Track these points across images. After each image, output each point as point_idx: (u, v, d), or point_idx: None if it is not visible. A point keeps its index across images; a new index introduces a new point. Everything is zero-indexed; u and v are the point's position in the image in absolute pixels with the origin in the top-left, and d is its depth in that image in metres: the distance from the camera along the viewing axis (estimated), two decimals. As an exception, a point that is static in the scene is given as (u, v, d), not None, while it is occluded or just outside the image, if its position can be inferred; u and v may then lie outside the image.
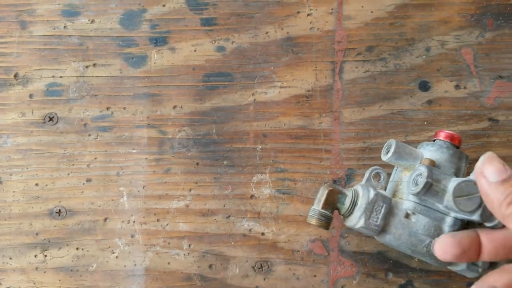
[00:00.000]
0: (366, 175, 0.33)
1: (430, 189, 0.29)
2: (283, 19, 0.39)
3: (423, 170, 0.29)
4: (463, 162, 0.32)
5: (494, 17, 0.38)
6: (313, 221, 0.32)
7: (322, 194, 0.32)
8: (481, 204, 0.29)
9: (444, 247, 0.29)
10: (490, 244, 0.28)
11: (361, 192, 0.31)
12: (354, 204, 0.32)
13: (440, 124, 0.37)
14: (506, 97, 0.37)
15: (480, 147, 0.37)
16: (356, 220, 0.31)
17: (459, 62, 0.38)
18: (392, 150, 0.32)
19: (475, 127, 0.37)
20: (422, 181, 0.29)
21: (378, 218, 0.30)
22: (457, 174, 0.32)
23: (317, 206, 0.33)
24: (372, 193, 0.31)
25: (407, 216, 0.31)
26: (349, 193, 0.32)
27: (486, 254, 0.29)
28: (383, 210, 0.30)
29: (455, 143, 0.32)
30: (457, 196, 0.29)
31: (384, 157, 0.32)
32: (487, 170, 0.28)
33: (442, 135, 0.33)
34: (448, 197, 0.29)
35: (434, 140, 0.33)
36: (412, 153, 0.32)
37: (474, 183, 0.29)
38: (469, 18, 0.38)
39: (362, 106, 0.38)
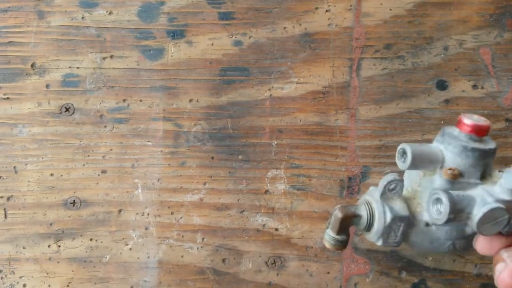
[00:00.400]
0: (381, 187, 0.30)
1: (453, 220, 0.27)
2: (301, 15, 0.39)
3: (444, 201, 0.27)
4: (491, 157, 0.29)
5: (514, 17, 0.38)
6: (328, 246, 0.30)
7: (335, 221, 0.30)
8: (507, 225, 0.27)
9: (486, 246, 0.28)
10: None
11: (377, 215, 0.29)
12: (370, 225, 0.30)
13: (457, 123, 0.37)
14: (524, 98, 0.37)
15: (497, 147, 0.37)
16: (375, 239, 0.30)
17: (477, 62, 0.38)
18: (408, 160, 0.28)
19: (492, 127, 0.37)
20: (443, 214, 0.27)
21: (397, 235, 0.29)
22: (483, 174, 0.29)
23: (331, 232, 0.31)
24: (389, 216, 0.29)
25: (427, 225, 0.29)
26: (363, 212, 0.30)
27: None
28: (401, 229, 0.29)
29: (482, 135, 0.28)
30: (483, 223, 0.27)
31: (401, 166, 0.29)
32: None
33: (466, 128, 0.27)
34: (473, 223, 0.27)
35: (457, 130, 0.28)
36: (431, 159, 0.28)
37: (501, 208, 0.27)
38: (488, 18, 0.38)
39: (379, 104, 0.38)
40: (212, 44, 0.39)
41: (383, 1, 0.38)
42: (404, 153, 0.28)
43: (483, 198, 0.27)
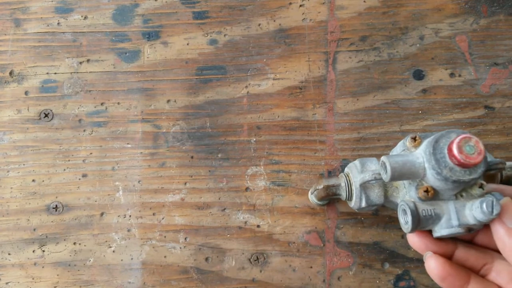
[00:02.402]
0: (361, 180, 0.31)
1: (417, 228, 0.28)
2: (275, 11, 0.39)
3: (409, 217, 0.27)
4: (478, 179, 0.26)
5: (489, 3, 0.38)
6: (313, 205, 0.35)
7: (318, 192, 0.34)
8: None
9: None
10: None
11: (354, 198, 0.32)
12: (349, 197, 0.32)
13: (435, 112, 0.37)
14: (501, 84, 0.37)
15: (477, 135, 0.36)
16: (355, 209, 0.32)
17: (454, 50, 0.37)
18: (388, 175, 0.27)
19: (471, 115, 0.37)
20: (408, 226, 0.27)
21: (378, 195, 0.31)
22: (461, 191, 0.27)
23: (315, 199, 0.35)
24: (363, 203, 0.31)
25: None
26: (343, 185, 0.32)
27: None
28: (376, 207, 0.31)
29: (469, 168, 0.25)
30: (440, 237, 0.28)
31: (383, 177, 0.28)
32: (507, 217, 0.25)
33: (454, 160, 0.25)
34: (432, 233, 0.28)
35: (445, 154, 0.25)
36: (412, 174, 0.27)
37: (459, 232, 0.27)
38: (463, 5, 0.38)
39: (356, 97, 0.37)
40: (187, 44, 0.39)
41: (356, -7, 0.38)
42: (384, 166, 0.27)
43: (449, 218, 0.27)
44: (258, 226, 0.37)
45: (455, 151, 0.25)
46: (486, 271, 0.28)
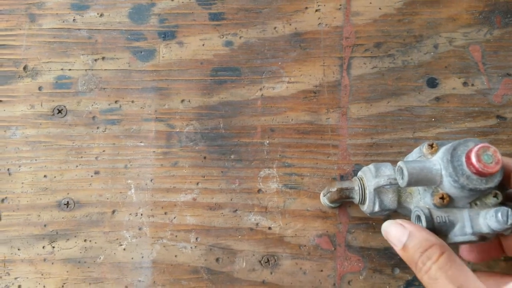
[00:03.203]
0: (376, 184, 0.31)
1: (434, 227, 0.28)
2: (291, 15, 0.39)
3: (423, 223, 0.27)
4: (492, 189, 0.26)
5: (502, 14, 0.38)
6: (324, 207, 0.35)
7: (331, 195, 0.34)
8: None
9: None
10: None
11: (367, 202, 0.32)
12: (362, 201, 0.33)
13: (447, 120, 0.37)
14: (513, 95, 0.37)
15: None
16: (367, 213, 0.32)
17: (467, 59, 0.38)
18: (405, 181, 0.27)
19: (483, 124, 0.37)
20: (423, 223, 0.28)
21: (391, 200, 0.31)
22: (475, 200, 0.28)
23: (327, 201, 0.36)
24: (376, 208, 0.31)
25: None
26: (356, 189, 0.33)
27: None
28: (388, 212, 0.32)
29: (486, 177, 0.25)
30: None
31: (400, 183, 0.28)
32: (391, 239, 0.28)
33: (472, 168, 0.25)
34: (446, 239, 0.28)
35: (463, 161, 0.26)
36: (429, 181, 0.27)
37: (473, 240, 0.27)
38: (477, 15, 0.38)
39: (370, 102, 0.38)
40: (203, 45, 0.39)
41: (372, 0, 0.38)
42: (401, 171, 0.28)
43: (463, 226, 0.27)
44: (269, 228, 0.37)
45: (473, 159, 0.25)
46: None
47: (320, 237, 0.37)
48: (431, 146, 0.28)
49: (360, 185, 0.32)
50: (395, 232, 0.28)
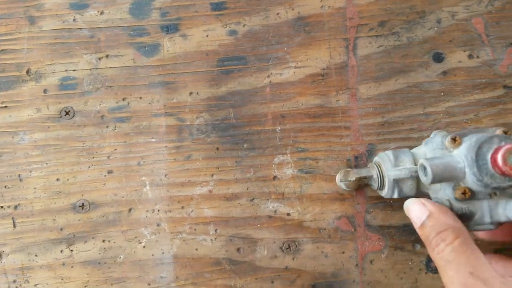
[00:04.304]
0: (396, 175, 0.31)
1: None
2: None
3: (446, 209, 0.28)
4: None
5: (503, -15, 0.38)
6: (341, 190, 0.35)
7: (349, 184, 0.34)
8: None
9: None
10: None
11: (386, 189, 0.32)
12: (381, 187, 0.33)
13: (456, 94, 0.37)
14: (519, 64, 0.38)
15: (497, 114, 0.37)
16: (390, 194, 0.32)
17: (471, 32, 0.38)
18: (429, 178, 0.27)
19: (490, 95, 0.38)
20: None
21: (410, 188, 0.31)
22: (495, 191, 0.28)
23: (344, 186, 0.36)
24: (396, 195, 0.32)
25: None
26: (375, 176, 0.33)
27: None
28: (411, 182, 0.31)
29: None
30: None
31: (423, 180, 0.29)
32: (411, 216, 0.29)
33: (497, 170, 0.25)
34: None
35: (488, 160, 0.26)
36: (452, 177, 0.27)
37: (490, 228, 0.28)
38: (477, -13, 0.38)
39: (378, 81, 0.38)
40: (207, 36, 0.39)
41: (373, -21, 0.38)
42: (425, 169, 0.28)
43: (482, 215, 0.28)
44: (288, 214, 0.37)
45: (499, 162, 0.25)
46: None
47: (339, 219, 0.37)
48: (454, 140, 0.28)
49: (378, 173, 0.33)
50: (416, 210, 0.28)
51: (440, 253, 0.26)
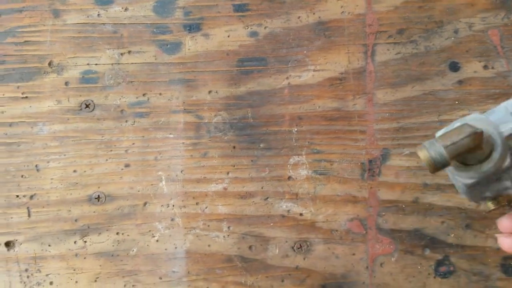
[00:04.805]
0: (508, 131, 0.25)
1: None
2: (314, 4, 0.39)
3: None
4: None
5: (519, -1, 0.39)
6: (421, 153, 0.24)
7: (456, 133, 0.25)
8: None
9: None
10: None
11: (498, 154, 0.25)
12: (488, 156, 0.26)
13: (470, 103, 0.38)
14: (533, 76, 0.39)
15: (510, 125, 0.38)
16: (485, 169, 0.26)
17: (487, 43, 0.39)
18: None
19: None
20: None
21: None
22: None
23: (443, 141, 0.25)
24: (508, 162, 0.25)
25: None
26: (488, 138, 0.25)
27: None
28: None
29: None
30: None
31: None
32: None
33: None
34: None
35: None
36: None
37: None
38: (494, 0, 0.39)
39: (395, 87, 0.38)
40: (228, 36, 0.39)
41: (393, -12, 0.39)
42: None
43: None
44: (301, 214, 0.37)
45: None
46: None
47: (351, 221, 0.37)
48: None
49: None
50: None
51: None
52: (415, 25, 0.39)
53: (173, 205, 0.38)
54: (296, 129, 0.38)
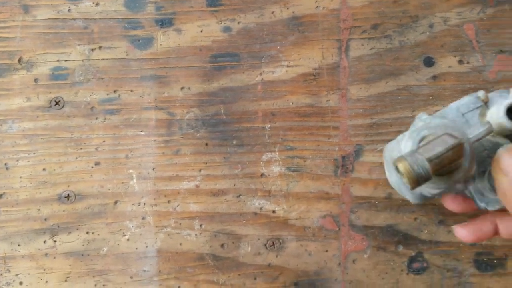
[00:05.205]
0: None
1: None
2: (288, -1, 0.39)
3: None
4: None
5: (494, -7, 0.39)
6: (402, 166, 0.22)
7: (439, 144, 0.23)
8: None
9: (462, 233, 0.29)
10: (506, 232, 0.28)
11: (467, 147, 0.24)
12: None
13: (445, 98, 0.38)
14: (507, 71, 0.38)
15: (484, 120, 0.37)
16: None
17: (462, 37, 0.39)
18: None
19: None
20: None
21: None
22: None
23: (426, 153, 0.23)
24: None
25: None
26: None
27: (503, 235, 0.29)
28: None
29: None
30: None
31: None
32: (507, 165, 0.23)
33: None
34: None
35: None
36: None
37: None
38: (470, -5, 0.39)
39: (369, 83, 0.38)
40: (201, 31, 0.39)
41: (367, -18, 0.39)
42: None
43: None
44: (273, 211, 0.37)
45: None
46: None
47: (324, 218, 0.37)
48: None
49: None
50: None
51: None
52: (390, 20, 0.39)
53: (144, 204, 0.37)
54: (269, 126, 0.38)
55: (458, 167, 0.24)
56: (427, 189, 0.26)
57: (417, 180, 0.22)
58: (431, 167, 0.22)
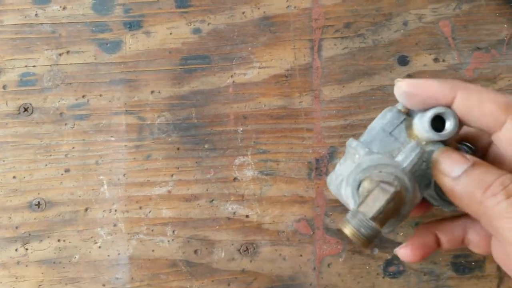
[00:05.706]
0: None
1: None
2: (259, -1, 0.38)
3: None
4: None
5: (471, -11, 0.38)
6: (348, 231, 0.22)
7: (378, 199, 0.22)
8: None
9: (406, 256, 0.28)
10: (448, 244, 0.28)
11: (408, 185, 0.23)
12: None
13: (420, 98, 0.37)
14: (484, 68, 0.37)
15: (461, 119, 0.37)
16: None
17: (437, 35, 0.38)
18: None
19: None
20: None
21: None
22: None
23: (368, 212, 0.22)
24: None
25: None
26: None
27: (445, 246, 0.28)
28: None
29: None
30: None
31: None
32: (445, 166, 0.23)
33: None
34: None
35: None
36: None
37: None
38: (445, -9, 0.38)
39: (342, 83, 0.37)
40: (170, 33, 0.38)
41: (340, -20, 0.38)
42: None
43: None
44: (247, 216, 0.36)
45: None
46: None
47: (298, 222, 0.36)
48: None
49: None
50: (455, 159, 0.23)
51: (497, 206, 0.21)
52: (363, 18, 0.38)
53: (116, 210, 0.37)
54: (241, 129, 0.37)
55: (402, 206, 0.23)
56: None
57: (367, 241, 0.22)
58: (377, 223, 0.22)
